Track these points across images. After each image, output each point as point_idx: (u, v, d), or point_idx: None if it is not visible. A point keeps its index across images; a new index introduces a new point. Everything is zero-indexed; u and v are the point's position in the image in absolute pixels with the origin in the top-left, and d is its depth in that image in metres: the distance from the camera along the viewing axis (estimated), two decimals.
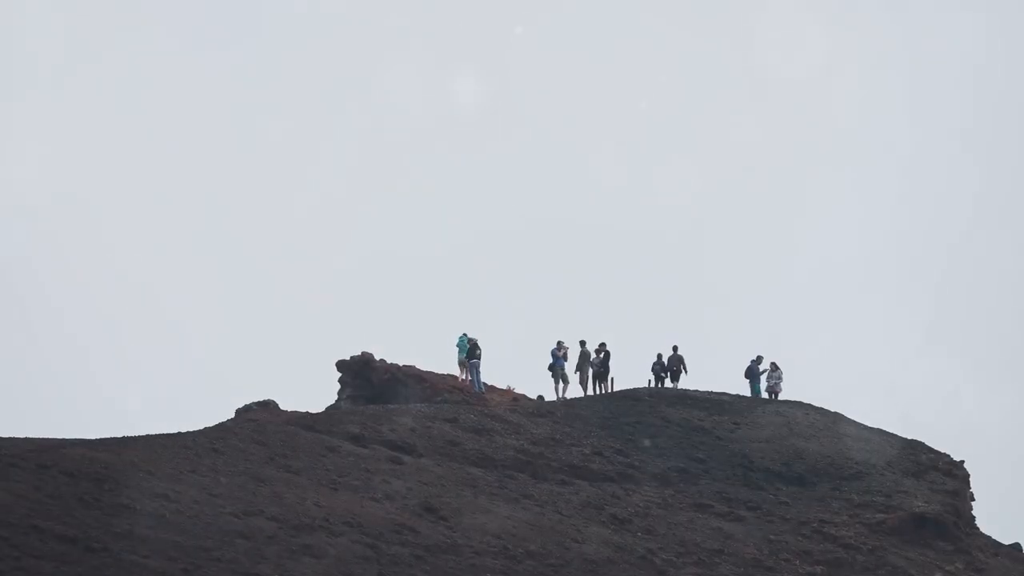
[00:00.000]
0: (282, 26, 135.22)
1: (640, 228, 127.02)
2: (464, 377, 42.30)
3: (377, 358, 42.72)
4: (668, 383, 45.53)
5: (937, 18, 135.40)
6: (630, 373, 45.63)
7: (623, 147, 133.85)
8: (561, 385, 43.50)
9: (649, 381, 44.97)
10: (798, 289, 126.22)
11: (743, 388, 45.57)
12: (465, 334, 42.09)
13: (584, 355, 44.56)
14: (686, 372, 45.73)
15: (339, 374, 43.07)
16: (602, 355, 44.67)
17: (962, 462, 39.12)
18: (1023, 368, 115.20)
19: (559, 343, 43.74)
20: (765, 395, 45.55)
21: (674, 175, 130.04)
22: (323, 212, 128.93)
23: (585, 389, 44.30)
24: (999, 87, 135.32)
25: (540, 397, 43.62)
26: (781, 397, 45.29)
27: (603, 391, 44.00)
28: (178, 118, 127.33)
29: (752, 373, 45.97)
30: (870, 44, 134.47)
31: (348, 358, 42.93)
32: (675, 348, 46.36)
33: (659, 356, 46.27)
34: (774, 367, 46.25)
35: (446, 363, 43.55)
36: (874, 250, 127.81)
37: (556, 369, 43.49)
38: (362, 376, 42.54)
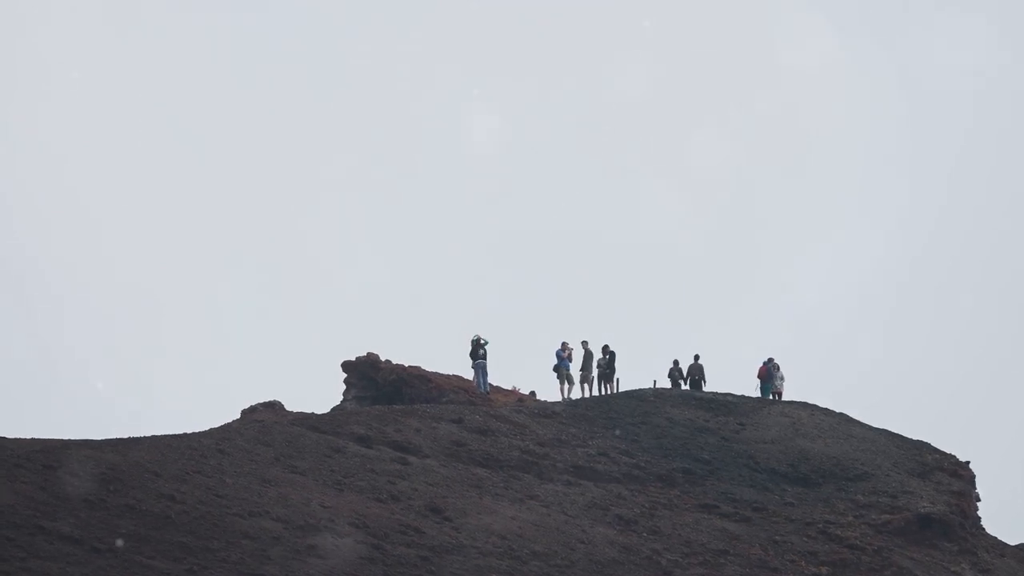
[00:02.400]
0: (284, 26, 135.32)
1: (640, 229, 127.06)
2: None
3: (383, 359, 42.69)
4: (686, 389, 45.39)
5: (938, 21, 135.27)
6: (635, 374, 45.63)
7: (625, 148, 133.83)
8: (566, 386, 43.44)
9: (654, 382, 44.92)
10: (800, 289, 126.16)
11: (748, 388, 45.55)
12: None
13: (588, 356, 44.51)
14: (705, 382, 45.83)
15: (345, 375, 43.04)
16: (607, 356, 44.63)
17: (968, 462, 39.06)
18: None
19: (564, 344, 43.66)
20: (768, 395, 45.56)
21: (674, 177, 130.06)
22: (329, 213, 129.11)
23: (590, 390, 44.23)
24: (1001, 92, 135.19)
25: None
26: (784, 397, 45.25)
27: (608, 392, 43.94)
28: (185, 119, 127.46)
29: (770, 375, 46.00)
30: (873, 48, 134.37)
31: (354, 359, 42.89)
32: (696, 357, 46.54)
33: (675, 362, 46.31)
34: (776, 367, 46.32)
35: (451, 364, 43.55)
36: (876, 251, 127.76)
37: (561, 370, 43.42)
38: (368, 377, 42.50)
